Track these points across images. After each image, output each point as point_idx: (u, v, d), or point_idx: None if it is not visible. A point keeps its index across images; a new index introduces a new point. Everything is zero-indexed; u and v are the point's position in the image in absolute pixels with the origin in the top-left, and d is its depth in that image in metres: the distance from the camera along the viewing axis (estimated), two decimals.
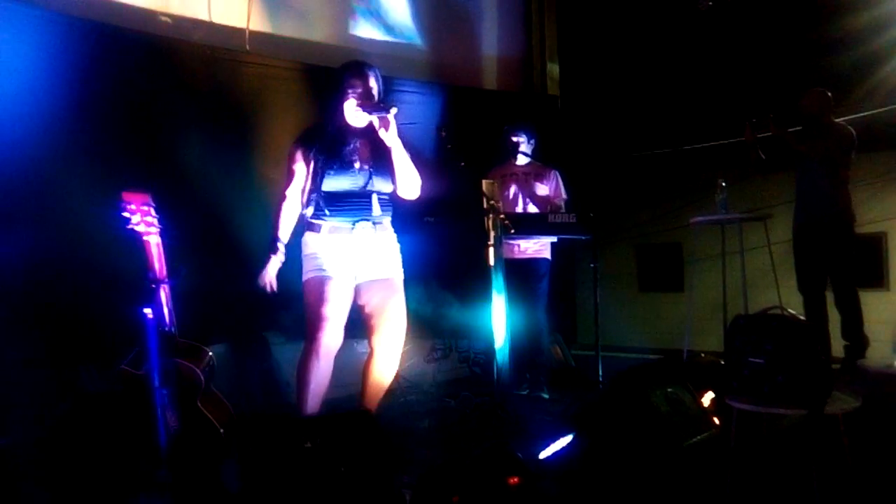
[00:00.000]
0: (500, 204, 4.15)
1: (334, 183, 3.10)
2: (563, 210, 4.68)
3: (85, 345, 3.73)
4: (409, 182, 3.20)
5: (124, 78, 4.01)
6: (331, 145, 3.12)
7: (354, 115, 3.15)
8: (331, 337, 3.05)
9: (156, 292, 2.68)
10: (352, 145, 3.14)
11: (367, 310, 3.22)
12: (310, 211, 3.14)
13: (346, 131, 3.16)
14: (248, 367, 4.14)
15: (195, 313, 3.13)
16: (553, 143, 5.87)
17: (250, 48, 4.72)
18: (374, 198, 3.17)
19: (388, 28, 5.65)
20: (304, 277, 3.14)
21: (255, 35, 4.79)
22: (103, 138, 3.85)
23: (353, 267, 3.15)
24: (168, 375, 2.70)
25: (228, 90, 4.50)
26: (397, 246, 3.32)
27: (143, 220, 2.67)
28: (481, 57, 6.33)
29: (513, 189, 4.73)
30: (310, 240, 3.15)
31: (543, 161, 4.82)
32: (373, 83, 3.20)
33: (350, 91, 3.14)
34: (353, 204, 3.14)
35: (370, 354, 3.24)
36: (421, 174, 3.27)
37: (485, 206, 4.00)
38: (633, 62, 7.36)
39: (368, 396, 3.23)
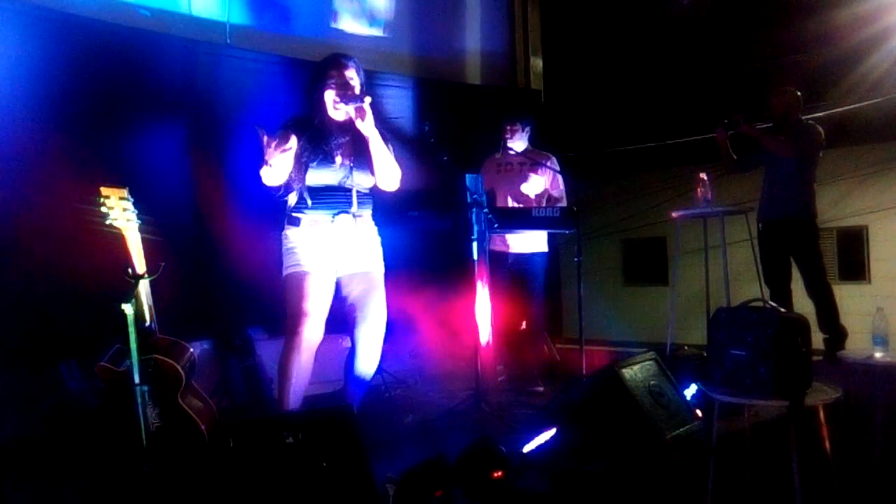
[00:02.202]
0: (484, 197, 4.14)
1: (316, 177, 3.10)
2: (564, 201, 4.68)
3: (65, 341, 3.69)
4: (387, 174, 3.19)
5: (103, 71, 3.97)
6: (314, 138, 3.10)
7: (334, 107, 3.13)
8: (312, 332, 3.04)
9: (135, 288, 2.65)
10: (334, 140, 3.13)
11: (347, 303, 3.21)
12: (292, 200, 3.12)
13: (329, 125, 3.15)
14: (230, 364, 4.12)
15: (176, 309, 3.11)
16: (537, 138, 5.87)
17: (231, 42, 4.69)
18: (354, 192, 3.16)
19: (371, 22, 5.63)
20: (285, 273, 3.13)
21: (236, 29, 4.75)
22: (80, 132, 3.81)
23: (334, 261, 3.14)
24: (148, 372, 2.68)
25: (208, 84, 4.46)
26: (378, 239, 3.31)
27: (122, 215, 2.64)
28: (465, 51, 6.32)
29: (502, 184, 4.72)
30: (290, 234, 3.14)
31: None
32: (352, 74, 3.18)
33: (329, 83, 3.12)
34: (333, 198, 3.13)
35: (351, 348, 3.24)
36: (404, 168, 3.27)
37: (468, 200, 3.99)
38: (617, 57, 7.39)
39: (350, 391, 3.22)
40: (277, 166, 2.90)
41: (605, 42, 7.43)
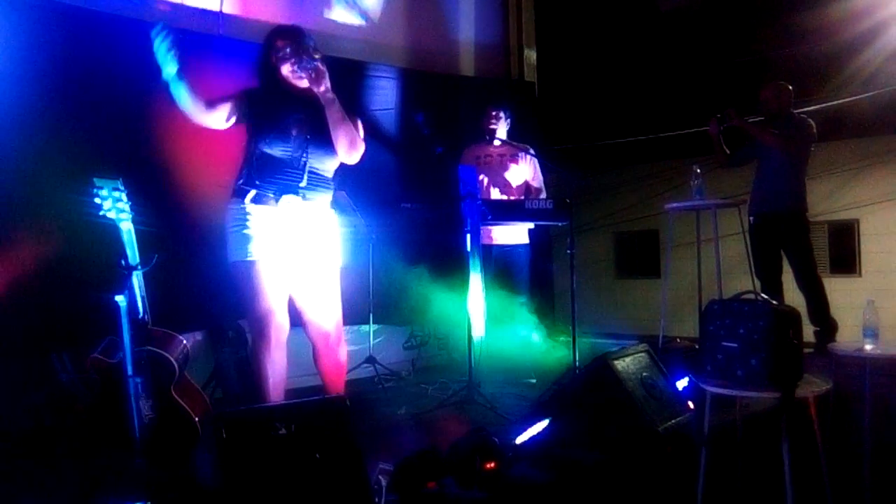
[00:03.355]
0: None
1: (267, 149, 2.92)
2: (544, 192, 4.69)
3: (57, 333, 3.68)
4: (346, 141, 2.96)
5: (94, 61, 3.93)
6: (268, 110, 2.95)
7: (294, 78, 2.98)
8: (278, 329, 2.91)
9: (128, 279, 2.64)
10: (291, 114, 2.96)
11: (298, 301, 3.03)
12: (242, 174, 2.98)
13: (286, 98, 2.99)
14: (223, 355, 4.11)
15: (169, 301, 3.10)
16: (531, 129, 5.87)
17: (223, 32, 4.66)
18: (306, 171, 2.95)
19: (364, 13, 5.60)
20: (232, 258, 2.92)
21: (229, 18, 4.73)
22: (73, 123, 3.78)
23: (282, 247, 2.93)
24: (141, 364, 2.68)
25: (201, 74, 4.42)
26: (337, 230, 3.13)
27: (115, 206, 2.63)
28: (458, 43, 6.31)
29: (484, 174, 4.72)
30: (236, 210, 2.93)
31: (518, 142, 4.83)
32: (302, 40, 3.01)
33: (281, 54, 2.98)
34: (283, 175, 2.93)
35: (313, 349, 3.08)
36: (397, 160, 3.24)
37: (462, 192, 4.00)
38: (611, 49, 7.38)
39: (330, 386, 3.08)
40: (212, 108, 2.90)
41: (599, 34, 7.43)
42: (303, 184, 2.95)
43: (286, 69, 2.99)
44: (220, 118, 2.99)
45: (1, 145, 3.55)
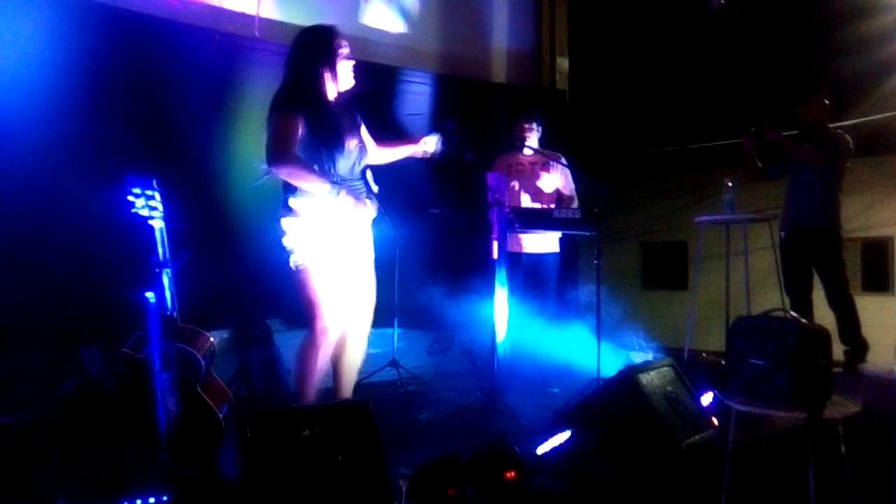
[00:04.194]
0: (505, 197, 4.15)
1: (329, 161, 2.91)
2: (576, 202, 4.67)
3: (87, 327, 3.74)
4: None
5: (131, 61, 4.01)
6: (325, 124, 2.89)
7: (347, 80, 2.97)
8: (335, 335, 3.01)
9: (158, 276, 2.68)
10: (342, 120, 2.97)
11: (351, 303, 3.11)
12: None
13: (330, 103, 2.96)
14: (249, 353, 4.15)
15: (197, 298, 3.13)
16: (562, 138, 5.85)
17: (259, 35, 4.72)
18: (363, 177, 3.03)
19: (399, 18, 5.63)
20: (300, 263, 2.95)
21: (265, 22, 4.78)
22: (109, 122, 3.86)
23: (348, 253, 3.03)
24: (168, 360, 2.71)
25: (236, 76, 4.49)
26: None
27: (147, 205, 2.67)
28: (491, 50, 6.32)
29: (516, 182, 4.72)
30: (299, 223, 2.94)
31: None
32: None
33: (341, 53, 2.94)
34: (353, 186, 2.99)
35: (341, 348, 3.13)
36: (427, 166, 3.25)
37: (490, 199, 4.00)
38: (643, 59, 7.33)
39: (346, 388, 3.16)
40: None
41: (632, 43, 7.37)
42: (362, 189, 3.02)
43: (345, 69, 2.96)
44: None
45: (37, 143, 3.62)
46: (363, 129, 3.17)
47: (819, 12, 6.36)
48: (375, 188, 3.08)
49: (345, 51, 2.98)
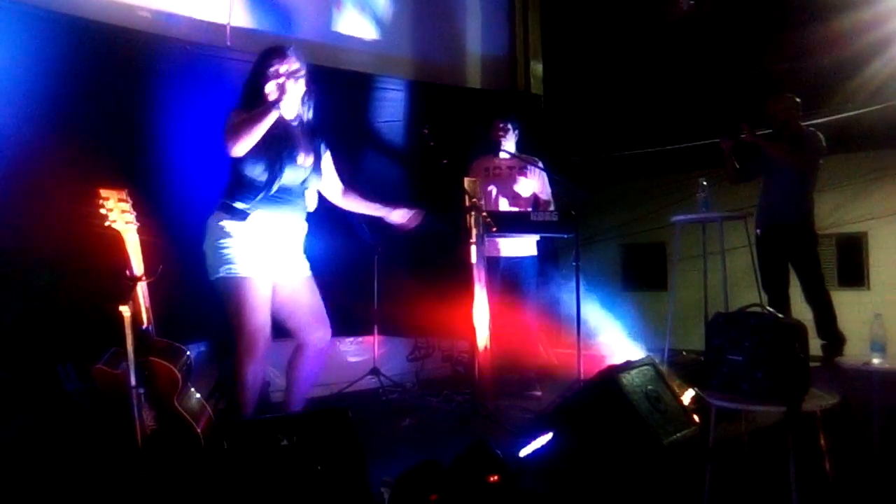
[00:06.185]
0: (482, 201, 4.15)
1: (286, 174, 2.97)
2: (552, 205, 4.68)
3: (61, 343, 3.68)
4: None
5: (102, 73, 3.96)
6: (277, 127, 2.93)
7: (293, 98, 3.02)
8: (267, 343, 3.02)
9: (133, 290, 2.65)
10: (295, 137, 3.04)
11: (286, 309, 3.14)
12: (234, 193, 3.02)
13: (285, 119, 3.02)
14: (226, 366, 4.10)
15: (173, 311, 3.10)
16: (537, 142, 5.87)
17: (232, 43, 4.69)
18: (312, 195, 3.12)
19: (372, 25, 5.63)
20: (219, 274, 2.97)
21: (237, 31, 4.75)
22: (80, 134, 3.80)
23: (271, 264, 3.04)
24: (144, 374, 2.67)
25: (209, 86, 4.45)
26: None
27: (121, 217, 2.64)
28: (465, 55, 6.32)
29: (494, 186, 4.72)
30: (231, 228, 2.98)
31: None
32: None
33: (270, 74, 3.01)
34: (290, 198, 3.03)
35: (298, 352, 3.17)
36: (404, 172, 3.24)
37: (466, 203, 4.00)
38: (618, 62, 7.39)
39: (298, 396, 3.17)
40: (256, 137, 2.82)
41: (606, 47, 7.44)
42: (299, 205, 3.07)
43: (289, 88, 3.00)
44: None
45: (8, 155, 3.56)
46: (327, 161, 3.23)
47: (787, 11, 6.45)
48: (312, 208, 3.13)
49: (282, 69, 3.00)
